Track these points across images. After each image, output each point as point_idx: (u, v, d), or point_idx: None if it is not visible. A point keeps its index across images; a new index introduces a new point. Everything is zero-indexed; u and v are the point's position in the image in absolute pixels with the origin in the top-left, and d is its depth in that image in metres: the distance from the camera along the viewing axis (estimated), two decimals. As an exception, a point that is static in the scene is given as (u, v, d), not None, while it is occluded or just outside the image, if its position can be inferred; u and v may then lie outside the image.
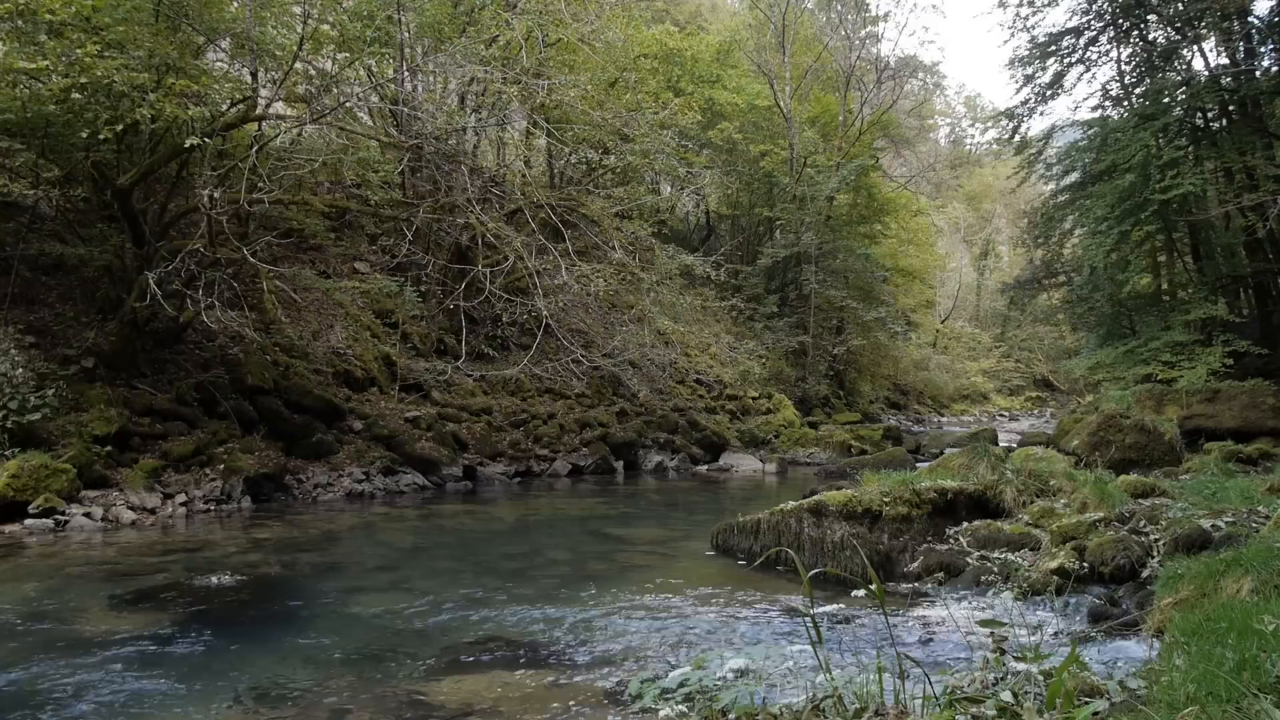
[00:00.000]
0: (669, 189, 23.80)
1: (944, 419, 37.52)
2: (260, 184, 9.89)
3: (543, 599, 6.42)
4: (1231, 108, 22.29)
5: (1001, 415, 41.70)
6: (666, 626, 5.66)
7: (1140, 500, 7.76)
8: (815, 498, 7.47)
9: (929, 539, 7.50)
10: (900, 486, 7.65)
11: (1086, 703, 2.53)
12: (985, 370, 46.85)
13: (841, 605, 6.30)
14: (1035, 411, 43.93)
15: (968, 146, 61.34)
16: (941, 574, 6.94)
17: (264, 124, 10.52)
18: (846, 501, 7.29)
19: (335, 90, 10.74)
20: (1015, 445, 21.29)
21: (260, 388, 11.90)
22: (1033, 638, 5.47)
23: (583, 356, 15.42)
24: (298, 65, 10.24)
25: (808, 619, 1.88)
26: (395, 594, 6.52)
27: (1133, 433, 14.05)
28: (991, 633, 3.11)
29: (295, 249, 13.14)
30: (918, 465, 16.91)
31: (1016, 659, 2.53)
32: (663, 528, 9.97)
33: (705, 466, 17.36)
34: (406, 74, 13.26)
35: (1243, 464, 14.45)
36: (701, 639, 5.40)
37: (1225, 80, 20.99)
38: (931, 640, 5.52)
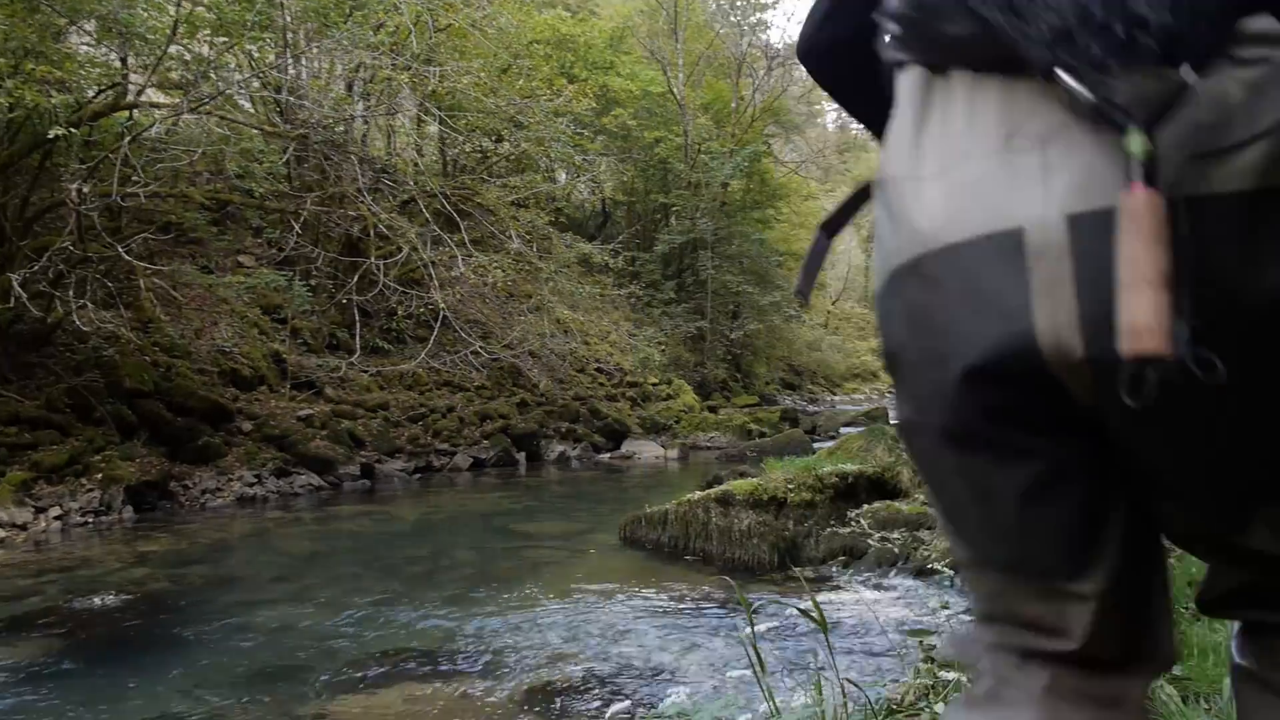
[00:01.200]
0: (564, 176, 23.63)
1: (837, 398, 38.58)
2: (134, 176, 9.33)
3: (452, 604, 6.28)
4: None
5: (890, 392, 43.17)
6: (583, 626, 5.62)
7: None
8: (722, 487, 7.55)
9: (832, 522, 7.67)
10: (804, 473, 7.79)
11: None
12: (874, 349, 48.39)
13: (754, 594, 6.37)
14: (922, 388, 45.65)
15: (854, 132, 62.98)
16: (845, 557, 7.11)
17: (136, 112, 9.92)
18: (753, 490, 7.39)
19: (213, 77, 10.21)
20: (906, 423, 22.08)
21: (139, 390, 11.26)
22: (937, 618, 5.67)
23: (481, 348, 15.20)
24: (172, 49, 9.68)
25: (749, 646, 1.87)
26: (295, 606, 6.27)
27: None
28: (920, 642, 3.18)
29: (174, 244, 12.43)
30: (815, 446, 17.32)
31: (943, 667, 2.58)
32: (569, 521, 9.92)
33: (608, 454, 17.37)
34: (290, 60, 12.70)
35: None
36: (620, 638, 5.38)
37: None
38: (839, 624, 5.63)
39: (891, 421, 15.39)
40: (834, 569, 6.92)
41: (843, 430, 21.16)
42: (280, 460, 12.16)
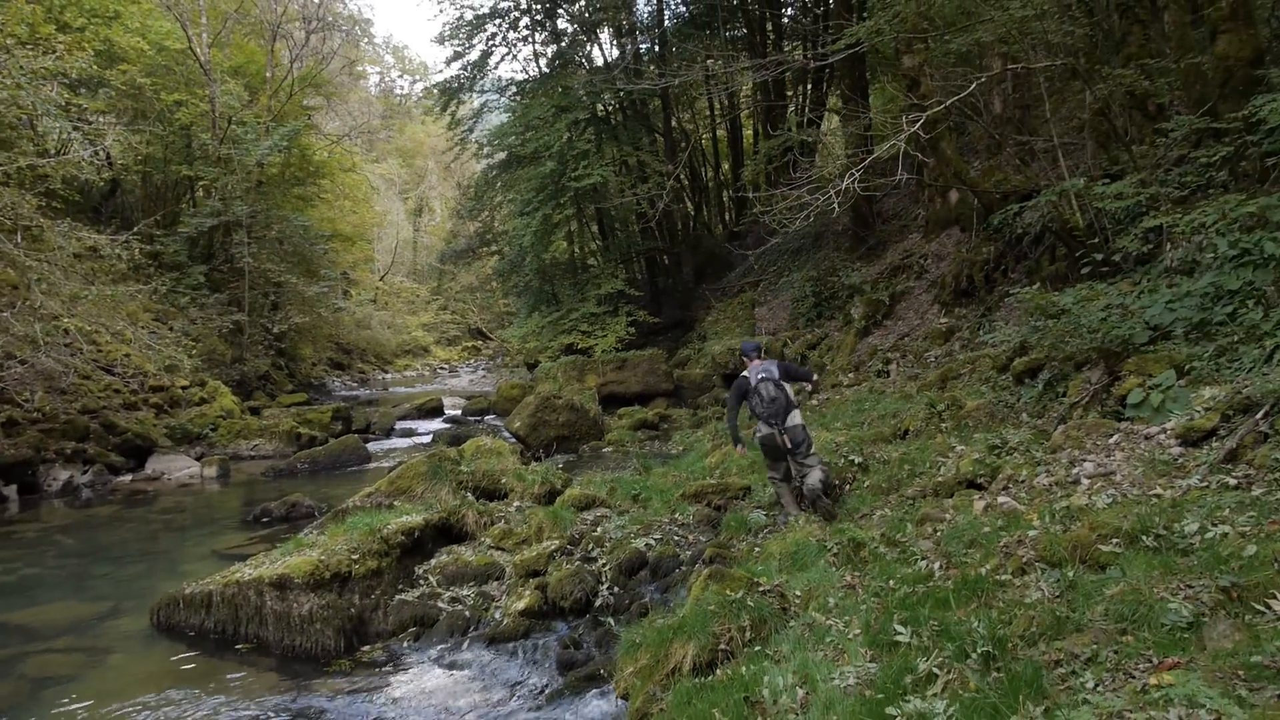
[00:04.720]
0: (55, 131, 19.92)
1: (388, 376, 37.90)
2: None
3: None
4: (625, 104, 25.45)
5: (442, 368, 43.41)
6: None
7: (585, 514, 8.52)
8: (279, 569, 6.81)
9: (401, 586, 7.38)
10: (369, 537, 7.37)
11: None
12: (425, 324, 48.31)
13: (318, 697, 5.84)
14: (471, 362, 46.59)
15: (397, 96, 61.67)
16: (416, 628, 6.87)
17: None
18: (313, 570, 6.79)
19: None
20: (461, 413, 22.28)
21: None
22: (514, 703, 5.66)
23: (-53, 367, 12.30)
24: None
25: None
26: None
27: (565, 412, 15.52)
28: None
29: None
30: (371, 449, 16.74)
31: None
32: (83, 597, 8.34)
33: (129, 476, 15.16)
34: None
35: (648, 429, 16.87)
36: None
37: (619, 80, 23.75)
38: (414, 722, 5.38)
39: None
40: (405, 644, 6.64)
41: (398, 425, 20.75)
42: None
